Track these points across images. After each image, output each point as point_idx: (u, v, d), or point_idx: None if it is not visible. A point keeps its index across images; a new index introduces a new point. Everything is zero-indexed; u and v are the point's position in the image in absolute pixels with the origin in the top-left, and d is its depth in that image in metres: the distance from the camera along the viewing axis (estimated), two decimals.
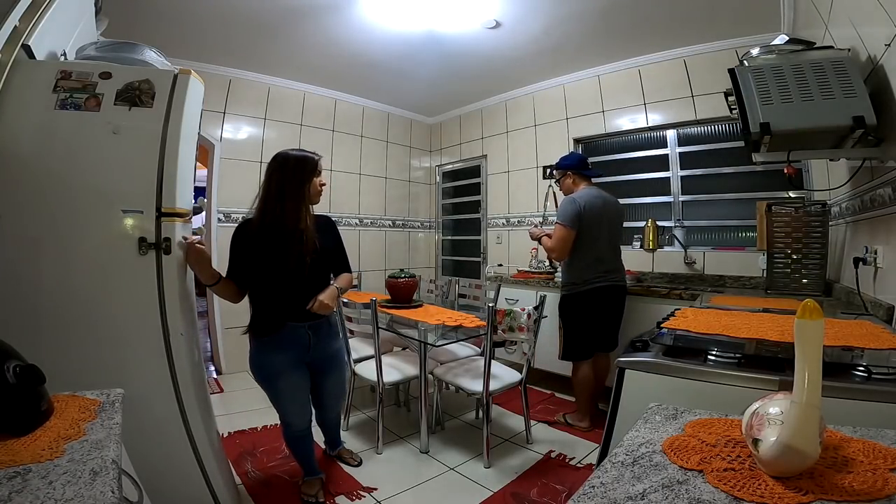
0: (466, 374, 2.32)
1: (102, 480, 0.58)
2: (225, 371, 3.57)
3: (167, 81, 1.53)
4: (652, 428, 0.72)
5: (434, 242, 5.23)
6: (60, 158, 1.40)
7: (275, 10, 2.70)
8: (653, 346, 1.14)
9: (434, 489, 1.96)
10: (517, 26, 2.94)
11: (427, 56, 3.37)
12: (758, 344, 1.13)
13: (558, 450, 2.29)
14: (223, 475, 1.69)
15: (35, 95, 1.39)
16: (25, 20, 1.35)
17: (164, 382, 1.52)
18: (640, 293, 2.78)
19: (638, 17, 2.77)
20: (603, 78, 3.64)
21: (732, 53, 2.77)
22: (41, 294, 1.38)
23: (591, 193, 2.48)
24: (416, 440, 2.36)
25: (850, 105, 1.42)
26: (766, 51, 1.70)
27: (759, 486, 0.54)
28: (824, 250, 2.15)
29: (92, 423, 0.76)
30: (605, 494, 0.53)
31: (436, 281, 3.68)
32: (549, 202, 3.75)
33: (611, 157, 3.67)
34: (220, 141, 3.62)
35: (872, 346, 1.06)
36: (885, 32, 1.37)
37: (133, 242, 1.46)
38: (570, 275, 2.53)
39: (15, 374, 0.72)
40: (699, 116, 3.13)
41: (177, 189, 1.52)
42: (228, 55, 3.36)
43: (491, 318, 2.11)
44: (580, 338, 2.50)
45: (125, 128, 1.45)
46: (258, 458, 2.18)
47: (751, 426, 0.59)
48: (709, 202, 3.19)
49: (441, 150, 5.16)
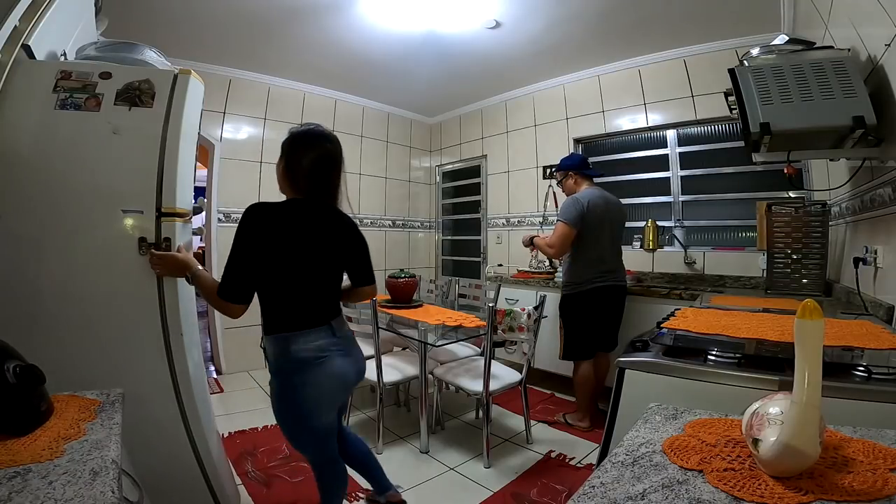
0: (466, 374, 2.32)
1: (102, 480, 0.58)
2: (225, 371, 3.56)
3: (167, 81, 1.52)
4: (652, 428, 0.72)
5: (434, 242, 5.23)
6: (60, 158, 1.40)
7: (275, 11, 2.70)
8: (653, 346, 1.14)
9: (434, 489, 1.96)
10: (517, 26, 2.94)
11: (427, 56, 3.37)
12: (758, 344, 1.13)
13: (558, 450, 2.29)
14: (223, 475, 1.69)
15: (35, 95, 1.39)
16: (25, 20, 1.35)
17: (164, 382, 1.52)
18: (640, 293, 2.78)
19: (638, 17, 2.77)
20: (603, 78, 3.64)
21: (732, 53, 2.77)
22: (41, 294, 1.38)
23: (595, 193, 2.49)
24: (416, 440, 2.35)
25: (850, 105, 1.42)
26: (766, 51, 1.70)
27: (759, 486, 0.54)
28: (824, 250, 2.15)
29: (92, 423, 0.76)
30: (605, 494, 0.53)
31: (436, 281, 3.68)
32: (549, 202, 3.76)
33: (611, 157, 3.67)
34: (220, 141, 3.62)
35: (872, 346, 1.06)
36: (885, 32, 1.37)
37: (133, 242, 1.46)
38: (571, 274, 2.53)
39: (15, 374, 0.72)
40: (699, 116, 3.13)
41: (177, 189, 1.52)
42: (228, 55, 3.36)
43: (491, 318, 2.11)
44: (581, 337, 2.50)
45: (125, 128, 1.45)
46: (258, 458, 2.18)
47: (751, 426, 0.59)
48: (709, 202, 3.19)
49: (441, 150, 5.16)
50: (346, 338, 1.40)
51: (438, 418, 2.59)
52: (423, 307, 2.70)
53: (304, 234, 1.29)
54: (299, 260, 1.28)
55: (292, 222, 1.28)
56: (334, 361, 1.31)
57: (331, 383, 1.32)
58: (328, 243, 1.36)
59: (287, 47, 3.26)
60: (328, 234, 1.36)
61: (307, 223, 1.31)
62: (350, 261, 1.49)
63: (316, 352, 1.29)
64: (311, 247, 1.31)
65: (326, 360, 1.30)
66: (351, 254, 1.48)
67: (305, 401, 1.30)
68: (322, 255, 1.34)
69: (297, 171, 1.34)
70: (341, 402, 1.44)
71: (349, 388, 1.44)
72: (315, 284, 1.33)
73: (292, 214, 1.30)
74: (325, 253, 1.35)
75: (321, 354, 1.29)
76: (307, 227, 1.31)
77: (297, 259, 1.28)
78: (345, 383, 1.38)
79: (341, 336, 1.37)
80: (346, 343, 1.38)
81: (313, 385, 1.29)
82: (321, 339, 1.30)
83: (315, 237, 1.32)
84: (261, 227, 1.23)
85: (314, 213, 1.33)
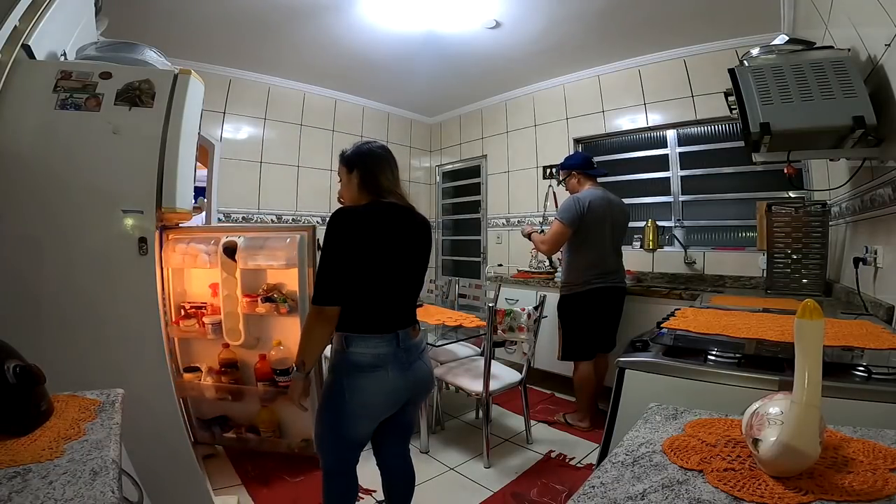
0: (466, 374, 2.32)
1: (102, 480, 0.58)
2: None
3: (167, 81, 1.53)
4: (652, 428, 0.72)
5: (434, 242, 5.23)
6: (61, 158, 1.40)
7: (275, 10, 2.70)
8: (653, 346, 1.14)
9: (434, 489, 1.96)
10: (517, 26, 2.94)
11: (427, 56, 3.36)
12: (758, 344, 1.13)
13: (558, 450, 2.29)
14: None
15: (35, 95, 1.39)
16: (25, 20, 1.35)
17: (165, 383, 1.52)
18: (640, 293, 2.78)
19: (638, 17, 2.77)
20: (603, 78, 3.63)
21: (732, 53, 2.76)
22: (41, 294, 1.38)
23: (597, 194, 2.48)
24: (416, 440, 2.35)
25: (850, 105, 1.42)
26: (766, 51, 1.69)
27: (759, 486, 0.54)
28: (824, 250, 2.15)
29: (92, 423, 0.76)
30: (605, 494, 0.53)
31: (436, 281, 3.68)
32: (549, 202, 3.75)
33: (611, 157, 3.67)
34: (220, 141, 3.61)
35: (872, 346, 1.06)
36: (885, 32, 1.37)
37: (133, 242, 1.46)
38: (570, 275, 2.53)
39: (15, 374, 0.72)
40: (699, 116, 3.13)
41: (177, 189, 1.52)
42: (228, 55, 3.36)
43: (491, 318, 2.11)
44: (579, 338, 2.50)
45: (125, 128, 1.45)
46: (258, 458, 2.18)
47: (751, 426, 0.59)
48: (709, 202, 3.19)
49: (441, 150, 5.16)
50: (412, 350, 1.33)
51: (438, 418, 2.59)
52: (423, 307, 2.70)
53: (384, 236, 1.27)
54: (376, 262, 1.26)
55: (377, 224, 1.27)
56: (389, 373, 1.26)
57: (379, 394, 1.27)
58: (405, 245, 1.33)
59: (287, 47, 3.26)
60: (406, 235, 1.33)
61: (390, 225, 1.29)
62: (423, 264, 1.42)
63: (373, 359, 1.24)
64: (389, 249, 1.28)
65: (381, 369, 1.25)
66: (424, 257, 1.41)
67: (348, 405, 1.25)
68: (398, 257, 1.31)
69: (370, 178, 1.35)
70: (384, 418, 1.33)
71: (401, 403, 1.34)
72: (386, 288, 1.28)
73: (376, 216, 1.28)
74: (401, 255, 1.31)
75: (377, 363, 1.25)
76: (389, 229, 1.29)
77: (374, 261, 1.25)
78: (396, 398, 1.31)
79: (407, 347, 1.31)
80: (410, 356, 1.31)
81: (361, 391, 1.25)
82: (382, 346, 1.25)
83: (393, 239, 1.29)
84: (347, 231, 1.22)
85: (396, 215, 1.32)
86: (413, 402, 1.41)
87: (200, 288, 2.10)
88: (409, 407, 1.41)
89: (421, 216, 1.41)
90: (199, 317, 2.01)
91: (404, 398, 1.34)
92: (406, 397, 1.34)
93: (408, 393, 1.33)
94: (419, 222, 1.39)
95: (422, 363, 1.36)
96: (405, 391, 1.32)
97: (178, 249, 1.90)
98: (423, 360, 1.38)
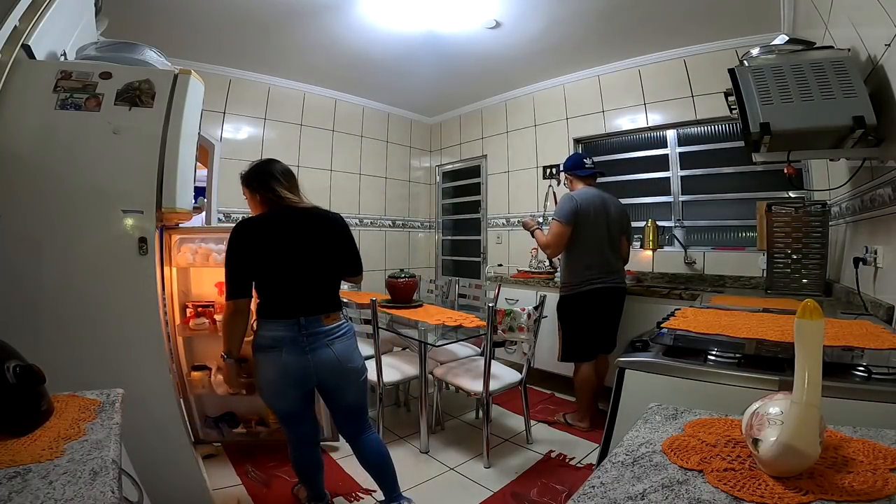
0: (466, 374, 2.32)
1: (102, 480, 0.58)
2: None
3: (167, 81, 1.53)
4: (652, 428, 0.72)
5: (434, 242, 5.23)
6: (60, 158, 1.40)
7: (275, 10, 2.70)
8: (653, 346, 1.14)
9: (434, 489, 1.96)
10: (517, 26, 2.94)
11: (427, 56, 3.37)
12: (758, 344, 1.13)
13: (558, 450, 2.29)
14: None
15: (35, 95, 1.39)
16: (25, 20, 1.35)
17: (165, 382, 1.53)
18: (640, 293, 2.78)
19: (638, 17, 2.76)
20: (603, 78, 3.63)
21: (732, 53, 2.76)
22: (41, 294, 1.38)
23: (590, 193, 2.48)
24: (416, 440, 2.35)
25: (850, 105, 1.42)
26: (766, 51, 1.69)
27: (759, 486, 0.54)
28: (824, 250, 2.15)
29: (92, 423, 0.76)
30: (605, 494, 0.53)
31: (436, 281, 3.68)
32: (549, 202, 3.76)
33: (611, 157, 3.67)
34: (220, 141, 3.62)
35: (872, 346, 1.06)
36: (885, 32, 1.37)
37: (133, 242, 1.46)
38: (569, 275, 2.52)
39: (15, 374, 0.72)
40: (699, 116, 3.13)
41: (177, 189, 1.52)
42: (228, 55, 3.36)
43: (491, 318, 2.11)
44: (578, 339, 2.50)
45: (125, 128, 1.45)
46: (258, 459, 2.18)
47: (751, 426, 0.59)
48: (709, 202, 3.19)
49: (441, 150, 5.16)
50: (317, 335, 1.45)
51: (438, 418, 2.59)
52: (423, 307, 2.70)
53: (276, 236, 1.45)
54: (271, 258, 1.44)
55: (268, 228, 1.46)
56: (283, 354, 1.40)
57: (274, 372, 1.42)
58: (299, 241, 1.48)
59: (287, 47, 3.26)
60: (300, 232, 1.48)
61: (281, 226, 1.47)
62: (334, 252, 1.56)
63: (270, 341, 1.41)
64: (282, 246, 1.45)
65: (276, 350, 1.41)
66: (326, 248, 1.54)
67: (259, 380, 1.48)
68: (292, 251, 1.46)
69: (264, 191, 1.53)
70: (296, 395, 1.49)
71: (308, 384, 1.48)
72: (284, 279, 1.45)
73: (267, 222, 1.48)
74: (296, 250, 1.47)
75: (273, 344, 1.41)
76: (280, 230, 1.46)
77: (269, 258, 1.44)
78: (297, 377, 1.44)
79: (311, 332, 1.43)
80: (314, 340, 1.44)
81: (262, 368, 1.45)
82: (280, 330, 1.41)
83: (285, 237, 1.46)
84: (242, 238, 1.43)
85: (289, 217, 1.49)
86: (329, 385, 1.52)
87: (207, 287, 2.12)
88: (334, 393, 1.54)
89: (322, 211, 1.56)
90: (208, 315, 2.04)
91: (310, 380, 1.46)
92: (314, 379, 1.47)
93: (314, 375, 1.46)
94: (318, 217, 1.53)
95: (327, 349, 1.46)
96: (306, 372, 1.44)
97: (188, 249, 1.91)
98: (334, 345, 1.48)
